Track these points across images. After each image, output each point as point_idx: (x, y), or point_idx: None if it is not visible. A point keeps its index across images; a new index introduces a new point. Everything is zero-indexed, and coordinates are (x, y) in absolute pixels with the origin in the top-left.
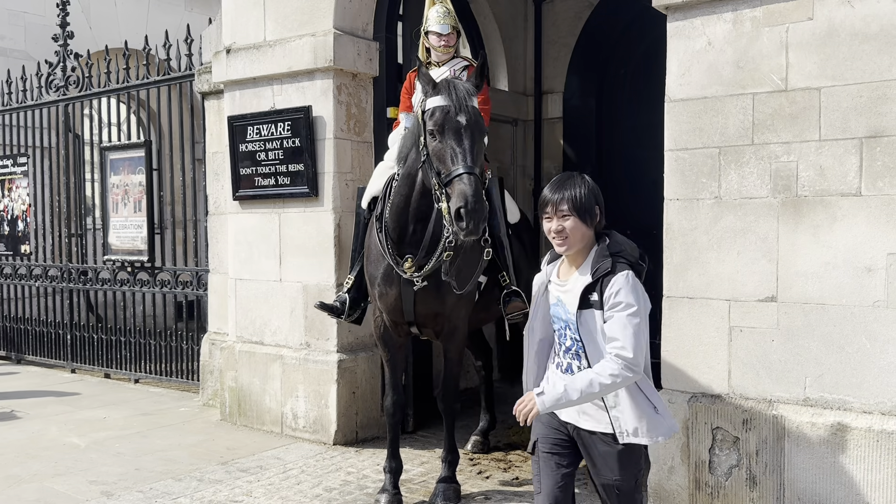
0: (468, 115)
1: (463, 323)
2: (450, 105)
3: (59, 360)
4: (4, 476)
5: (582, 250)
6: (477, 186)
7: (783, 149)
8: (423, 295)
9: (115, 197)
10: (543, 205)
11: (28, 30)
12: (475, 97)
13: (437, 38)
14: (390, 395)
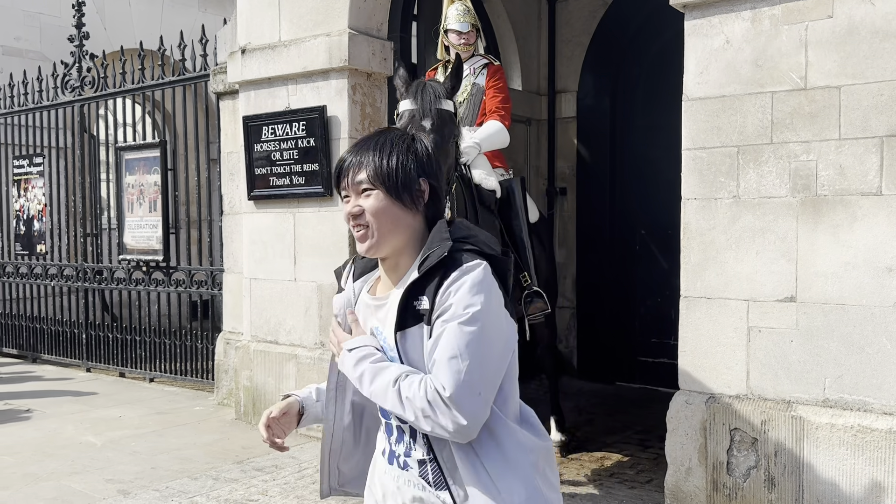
0: (433, 120)
1: None
2: (416, 109)
3: (74, 359)
4: (22, 474)
5: (404, 249)
6: None
7: (802, 148)
8: None
9: (130, 197)
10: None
11: (44, 31)
12: (445, 100)
13: (457, 36)
14: None
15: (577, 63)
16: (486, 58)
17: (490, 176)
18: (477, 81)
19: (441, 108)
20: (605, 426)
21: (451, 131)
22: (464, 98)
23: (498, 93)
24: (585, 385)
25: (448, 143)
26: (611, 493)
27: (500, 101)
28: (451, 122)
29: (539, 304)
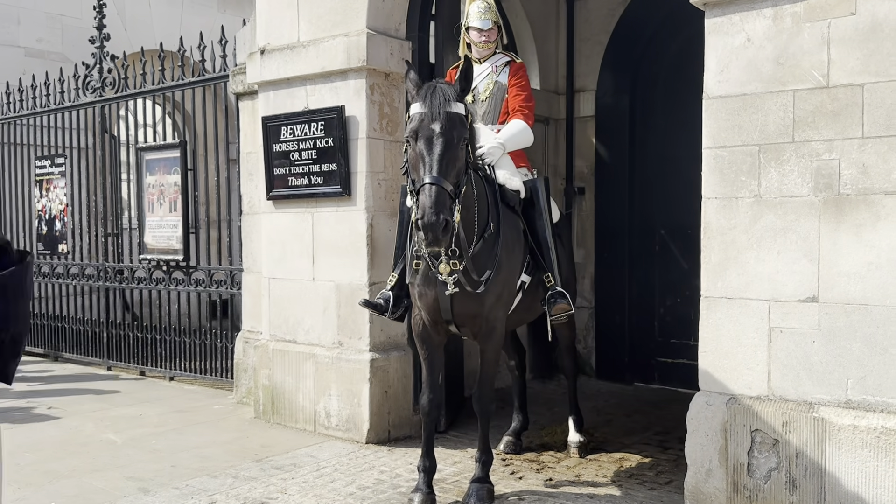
0: (442, 123)
1: (500, 324)
2: (424, 112)
3: (95, 357)
4: (44, 471)
5: None
6: (438, 197)
7: (825, 146)
8: (459, 295)
9: (150, 197)
10: None
11: (65, 32)
12: (456, 103)
13: (478, 33)
14: (426, 393)
15: (595, 62)
16: (508, 55)
17: (514, 176)
18: (499, 79)
19: (451, 110)
20: (624, 427)
21: (460, 134)
22: (486, 96)
23: (521, 91)
24: (604, 386)
25: (457, 146)
26: (630, 494)
27: (523, 99)
28: (461, 124)
29: (562, 304)
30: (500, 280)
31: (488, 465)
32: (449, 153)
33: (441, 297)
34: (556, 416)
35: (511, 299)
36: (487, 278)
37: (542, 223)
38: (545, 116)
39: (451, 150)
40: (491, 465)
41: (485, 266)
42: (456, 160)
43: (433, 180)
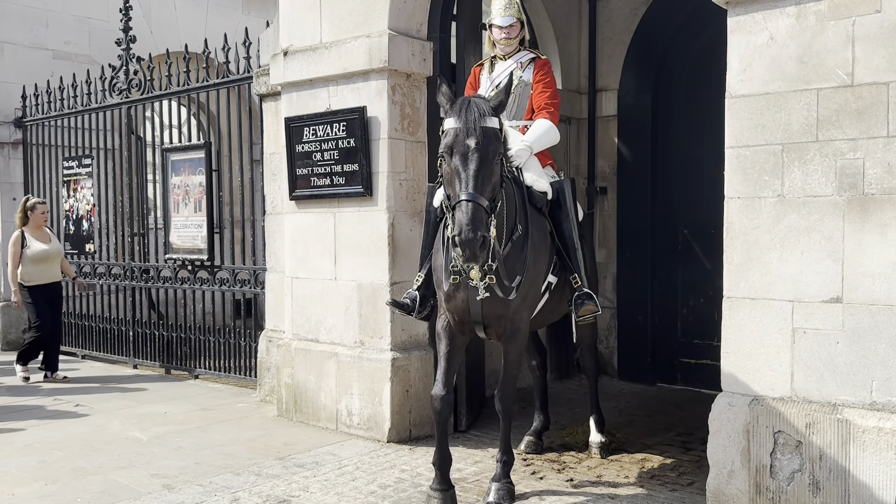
0: (477, 138)
1: (525, 325)
2: (459, 128)
3: (121, 355)
4: (71, 468)
5: None
6: (474, 214)
7: (849, 146)
8: (489, 298)
9: (175, 197)
10: None
11: (92, 35)
12: (491, 117)
13: (499, 30)
14: (440, 390)
15: (618, 61)
16: (532, 52)
17: (542, 178)
18: (523, 76)
19: (486, 125)
20: (646, 428)
21: (496, 149)
22: (510, 93)
23: (546, 88)
24: (626, 386)
25: (493, 161)
26: (651, 495)
27: (548, 96)
28: (496, 139)
29: (590, 306)
30: (527, 282)
31: (509, 465)
32: (484, 169)
33: (472, 300)
34: (577, 417)
35: (536, 301)
36: (518, 284)
37: (568, 224)
38: (567, 116)
39: (487, 166)
40: (512, 465)
41: (514, 269)
42: (491, 175)
43: (469, 197)
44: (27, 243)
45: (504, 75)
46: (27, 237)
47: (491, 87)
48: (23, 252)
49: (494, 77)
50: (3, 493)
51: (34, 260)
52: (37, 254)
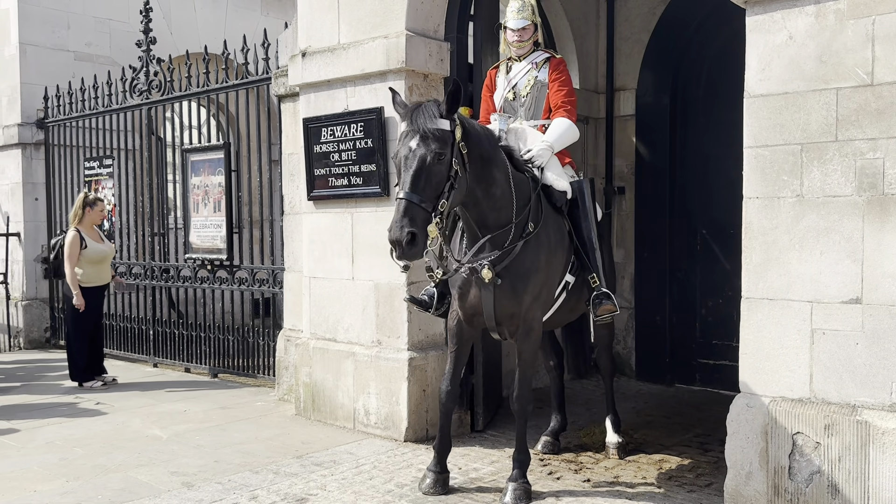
0: (418, 140)
1: (538, 324)
2: (405, 131)
3: (141, 354)
4: (92, 466)
5: None
6: (405, 213)
7: (869, 145)
8: (500, 296)
9: (195, 197)
10: None
11: (113, 36)
12: (441, 119)
13: (512, 33)
14: (447, 385)
15: (636, 60)
16: (547, 51)
17: (561, 177)
18: (539, 76)
19: (434, 127)
20: (664, 428)
21: (439, 150)
22: (526, 93)
23: (562, 86)
24: (644, 387)
25: (435, 162)
26: (669, 496)
27: (565, 94)
28: (441, 141)
29: (608, 305)
30: (539, 281)
31: (525, 464)
32: (424, 170)
33: (485, 297)
34: (594, 417)
35: (550, 300)
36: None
37: (587, 224)
38: (585, 115)
39: (427, 167)
40: (528, 465)
41: (525, 267)
42: (432, 176)
43: (404, 196)
44: (85, 243)
45: (520, 76)
46: (84, 237)
47: (508, 88)
48: (81, 253)
49: (511, 78)
50: (26, 490)
51: (93, 261)
52: (97, 254)
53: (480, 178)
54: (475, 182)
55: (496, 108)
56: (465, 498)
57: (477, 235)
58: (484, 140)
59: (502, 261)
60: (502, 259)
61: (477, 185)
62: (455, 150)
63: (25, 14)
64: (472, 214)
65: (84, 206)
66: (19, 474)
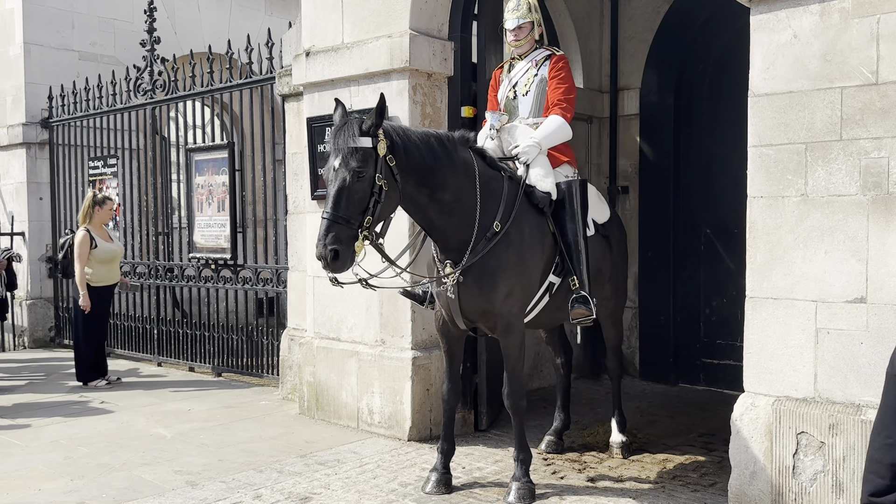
0: (339, 161)
1: (517, 320)
2: (331, 150)
3: (145, 353)
4: (96, 464)
5: None
6: (326, 231)
7: (873, 144)
8: (464, 293)
9: (199, 197)
10: None
11: (117, 36)
12: (361, 138)
13: (509, 33)
14: (446, 382)
15: (640, 60)
16: (548, 49)
17: (548, 177)
18: (540, 73)
19: (354, 146)
20: (668, 428)
21: (360, 168)
22: (526, 91)
23: (560, 83)
24: (648, 386)
25: (356, 180)
26: (673, 495)
27: (562, 91)
28: (361, 159)
29: (579, 309)
30: (509, 278)
31: (527, 462)
32: (345, 188)
33: (452, 295)
34: (598, 416)
35: (526, 297)
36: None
37: (573, 226)
38: (588, 115)
39: (348, 185)
40: (530, 463)
41: (490, 266)
42: (354, 193)
43: (325, 215)
44: (95, 242)
45: (519, 75)
46: (94, 236)
47: (508, 87)
48: (91, 252)
49: (512, 77)
50: (31, 489)
51: (103, 260)
52: (106, 253)
53: (422, 184)
54: (415, 190)
55: (500, 107)
56: (468, 497)
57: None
58: (423, 148)
59: (466, 259)
60: (465, 258)
61: (417, 192)
62: (379, 165)
63: (30, 14)
64: (417, 220)
65: (94, 205)
66: (24, 473)
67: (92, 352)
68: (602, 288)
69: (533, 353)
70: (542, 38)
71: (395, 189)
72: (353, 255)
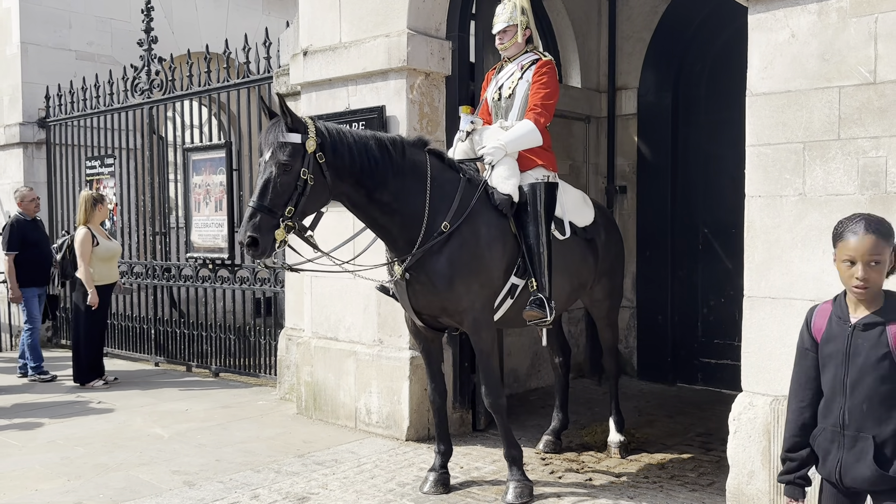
0: (266, 154)
1: (482, 314)
2: (261, 144)
3: (143, 353)
4: (93, 464)
5: None
6: (249, 219)
7: (871, 144)
8: (416, 291)
9: (197, 196)
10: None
11: (115, 35)
12: (290, 133)
13: (495, 36)
14: (429, 383)
15: (637, 59)
16: (536, 53)
17: (510, 179)
18: (525, 77)
19: (282, 140)
20: (666, 428)
21: (287, 161)
22: (509, 94)
23: (541, 88)
24: (646, 386)
25: (283, 173)
26: (671, 495)
27: (542, 97)
28: (290, 153)
29: (532, 312)
30: (464, 275)
31: (519, 459)
32: (270, 180)
33: (401, 293)
34: (596, 416)
35: (490, 293)
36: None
37: (533, 229)
38: (586, 115)
39: (273, 178)
40: (522, 459)
41: (441, 264)
42: (278, 186)
43: (251, 203)
44: (97, 240)
45: (504, 78)
46: (94, 234)
47: (495, 90)
48: (92, 250)
49: (499, 79)
50: (27, 489)
51: (104, 258)
52: (107, 251)
53: (359, 184)
54: (352, 189)
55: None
56: (466, 497)
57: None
58: (358, 150)
59: (413, 258)
60: (414, 256)
61: (355, 191)
62: (307, 160)
63: (27, 13)
64: (360, 218)
65: (94, 204)
66: (21, 473)
67: (90, 352)
68: (590, 291)
69: (531, 353)
70: (530, 41)
71: (322, 185)
72: (274, 243)
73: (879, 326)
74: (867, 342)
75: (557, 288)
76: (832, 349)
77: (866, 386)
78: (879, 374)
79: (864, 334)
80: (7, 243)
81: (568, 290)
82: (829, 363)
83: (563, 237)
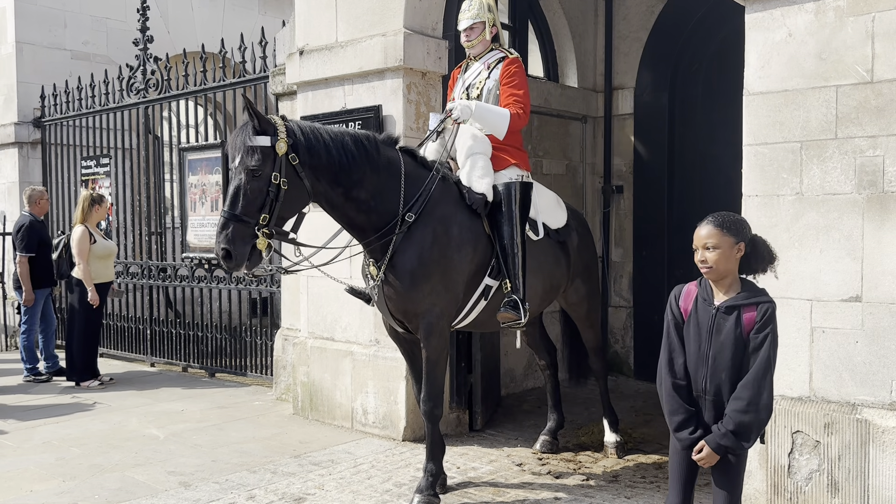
0: (235, 161)
1: (438, 320)
2: (230, 150)
3: (139, 354)
4: (88, 465)
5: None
6: (221, 229)
7: (868, 143)
8: (388, 293)
9: (192, 196)
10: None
11: (110, 35)
12: (258, 136)
13: (461, 34)
14: (414, 387)
15: (634, 59)
16: (502, 50)
17: (484, 178)
18: (492, 76)
19: (250, 145)
20: (662, 427)
21: (255, 165)
22: (476, 95)
23: (513, 89)
24: (642, 385)
25: (252, 178)
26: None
27: (516, 98)
28: (259, 157)
29: (505, 314)
30: (429, 274)
31: (434, 475)
32: (241, 188)
33: (378, 296)
34: (592, 416)
35: (453, 299)
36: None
37: (508, 229)
38: (583, 114)
39: (243, 185)
40: (438, 478)
41: (409, 265)
42: (249, 192)
43: (222, 213)
44: (94, 239)
45: (472, 77)
46: (91, 233)
47: (462, 90)
48: (90, 248)
49: (466, 79)
50: (22, 490)
51: (101, 256)
52: (104, 249)
53: (335, 183)
54: (328, 188)
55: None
56: (462, 497)
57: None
58: (334, 147)
59: (386, 258)
60: (385, 256)
61: (331, 190)
62: (278, 163)
63: (22, 12)
64: (336, 218)
65: (92, 203)
66: (16, 474)
67: (85, 352)
68: (564, 294)
69: (528, 353)
70: (496, 38)
71: (299, 187)
72: (252, 253)
73: (737, 311)
74: (727, 323)
75: (531, 289)
76: (696, 325)
77: (725, 358)
78: (734, 349)
79: (725, 316)
80: (25, 245)
81: (541, 292)
82: (692, 338)
83: (536, 238)
